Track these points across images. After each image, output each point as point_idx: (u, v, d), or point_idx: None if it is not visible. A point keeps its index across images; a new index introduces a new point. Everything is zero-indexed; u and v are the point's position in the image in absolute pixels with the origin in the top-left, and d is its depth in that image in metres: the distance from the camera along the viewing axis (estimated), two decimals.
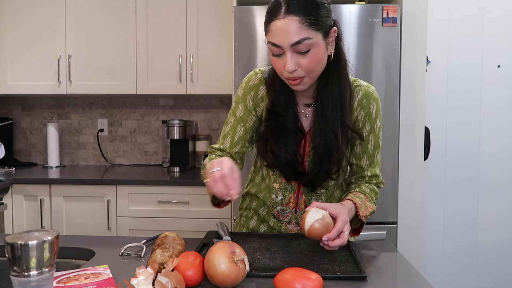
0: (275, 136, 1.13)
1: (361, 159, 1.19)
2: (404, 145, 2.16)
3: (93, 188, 2.37)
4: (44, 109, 3.03)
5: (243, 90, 1.20)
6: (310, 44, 0.99)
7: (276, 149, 1.13)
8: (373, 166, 1.20)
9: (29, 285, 0.62)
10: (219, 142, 1.22)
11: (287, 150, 1.12)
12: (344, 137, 1.12)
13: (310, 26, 0.98)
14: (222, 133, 1.23)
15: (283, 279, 0.79)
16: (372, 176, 1.21)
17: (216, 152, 1.22)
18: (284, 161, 1.12)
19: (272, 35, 1.00)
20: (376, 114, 1.18)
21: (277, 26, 0.99)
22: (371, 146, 1.18)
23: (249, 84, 1.20)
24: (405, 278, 0.96)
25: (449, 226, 2.74)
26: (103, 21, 2.63)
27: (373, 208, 1.16)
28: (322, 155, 1.11)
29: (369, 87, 1.18)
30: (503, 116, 2.69)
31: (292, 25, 0.97)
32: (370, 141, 1.18)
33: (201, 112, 2.97)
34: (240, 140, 1.19)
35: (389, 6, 2.06)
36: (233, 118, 1.21)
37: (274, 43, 1.00)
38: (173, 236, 0.94)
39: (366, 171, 1.20)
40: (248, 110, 1.19)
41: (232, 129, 1.20)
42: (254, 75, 1.21)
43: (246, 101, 1.19)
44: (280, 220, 1.23)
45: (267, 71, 1.20)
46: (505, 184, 2.71)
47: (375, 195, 1.21)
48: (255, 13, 2.09)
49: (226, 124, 1.22)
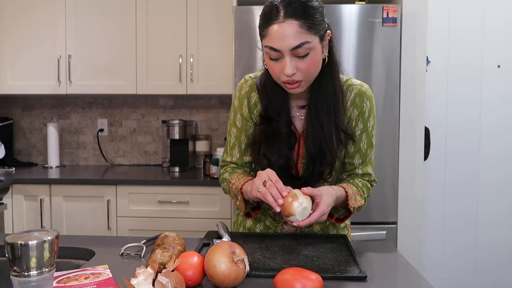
0: (267, 141, 1.14)
1: (353, 158, 1.19)
2: (404, 145, 2.16)
3: (93, 188, 2.37)
4: (44, 109, 3.03)
5: (238, 100, 1.22)
6: (309, 48, 0.99)
7: (268, 154, 1.14)
8: (365, 164, 1.20)
9: (29, 285, 0.62)
10: (229, 155, 1.25)
11: (279, 155, 1.13)
12: (337, 138, 1.12)
13: (309, 30, 0.98)
14: (228, 145, 1.26)
15: (283, 279, 0.79)
16: (363, 174, 1.20)
17: (230, 165, 1.24)
18: (277, 167, 1.12)
19: (271, 39, 1.00)
20: (370, 113, 1.18)
21: (275, 30, 0.99)
22: (363, 145, 1.19)
23: (241, 93, 1.22)
24: (405, 278, 0.96)
25: (449, 226, 2.74)
26: (103, 21, 2.63)
27: (361, 203, 1.16)
28: (315, 157, 1.12)
29: (362, 86, 1.18)
30: (503, 115, 2.69)
31: (292, 29, 0.97)
32: (363, 140, 1.18)
33: (201, 112, 2.97)
34: (247, 148, 1.22)
35: (389, 6, 2.06)
36: (234, 128, 1.23)
37: (273, 47, 1.00)
38: (173, 236, 0.94)
39: (358, 169, 1.20)
40: (245, 119, 1.21)
41: (237, 140, 1.23)
42: (244, 83, 1.22)
43: (242, 110, 1.21)
44: (276, 220, 1.24)
45: (258, 77, 1.20)
46: (505, 184, 2.71)
47: (367, 191, 1.20)
48: (255, 13, 2.09)
49: (230, 135, 1.24)
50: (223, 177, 1.23)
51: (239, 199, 1.14)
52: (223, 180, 1.23)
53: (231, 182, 1.17)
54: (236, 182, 1.15)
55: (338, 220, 1.20)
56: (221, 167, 1.28)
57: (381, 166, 2.07)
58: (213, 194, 2.35)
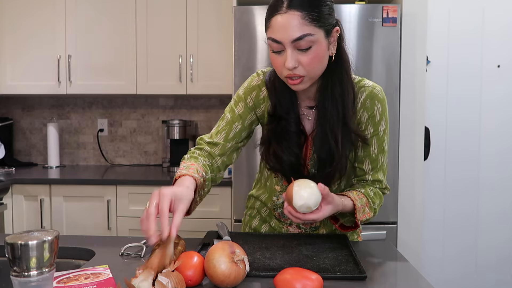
0: (277, 139, 1.11)
1: (363, 163, 1.15)
2: (404, 145, 2.17)
3: (93, 188, 2.37)
4: (44, 109, 3.03)
5: (244, 90, 1.19)
6: (312, 41, 0.97)
7: (279, 153, 1.10)
8: (376, 171, 1.15)
9: (29, 285, 0.62)
10: (211, 136, 1.17)
11: (290, 153, 1.10)
12: (347, 140, 1.08)
13: (312, 22, 0.96)
14: (215, 128, 1.19)
15: (283, 279, 0.79)
16: (374, 181, 1.16)
17: (205, 146, 1.16)
18: (287, 165, 1.09)
19: (273, 30, 0.98)
20: (381, 116, 1.13)
21: (278, 21, 0.96)
22: (374, 150, 1.14)
23: (251, 84, 1.18)
24: (405, 278, 0.96)
25: (449, 226, 2.73)
26: (103, 21, 2.63)
27: (370, 215, 1.12)
28: (324, 159, 1.09)
29: (375, 88, 1.14)
30: (503, 115, 2.69)
31: (294, 20, 0.95)
32: (373, 144, 1.14)
33: (201, 112, 2.97)
34: (235, 137, 1.16)
35: (389, 6, 2.06)
36: (230, 114, 1.18)
37: (275, 38, 0.98)
38: None
39: (368, 175, 1.16)
40: (249, 108, 1.17)
41: (228, 125, 1.17)
42: (256, 76, 1.19)
43: (246, 100, 1.18)
44: (281, 221, 1.23)
45: (267, 74, 1.17)
46: (505, 183, 2.71)
47: (379, 200, 1.16)
48: (255, 13, 2.09)
49: (222, 120, 1.19)
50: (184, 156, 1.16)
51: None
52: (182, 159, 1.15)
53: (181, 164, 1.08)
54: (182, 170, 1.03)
55: (343, 228, 1.15)
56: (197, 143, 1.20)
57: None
58: (213, 194, 2.34)
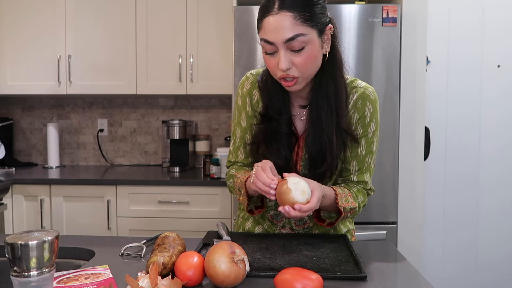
0: (267, 140, 1.10)
1: (350, 163, 1.14)
2: (404, 145, 2.17)
3: (93, 188, 2.37)
4: (44, 109, 3.03)
5: (240, 99, 1.20)
6: (304, 41, 0.96)
7: (267, 155, 1.09)
8: (362, 172, 1.14)
9: (29, 285, 0.62)
10: (234, 156, 1.22)
11: (279, 156, 1.09)
12: (339, 140, 1.08)
13: (304, 22, 0.95)
14: (233, 145, 1.23)
15: (283, 279, 0.79)
16: (359, 181, 1.15)
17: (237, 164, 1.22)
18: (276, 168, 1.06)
19: (265, 31, 0.97)
20: (371, 118, 1.12)
21: (270, 22, 0.96)
22: (362, 151, 1.13)
23: (243, 91, 1.19)
24: (405, 278, 0.96)
25: (449, 223, 2.74)
26: (103, 21, 2.63)
27: (354, 205, 1.09)
28: (315, 158, 1.08)
29: (366, 89, 1.12)
30: (503, 112, 2.70)
31: (286, 21, 0.94)
32: (361, 145, 1.12)
33: (201, 112, 2.97)
34: None
35: (389, 6, 2.06)
36: (239, 128, 1.20)
37: (267, 39, 0.97)
38: (173, 236, 0.94)
39: (353, 175, 1.15)
40: (250, 117, 1.18)
41: (241, 140, 1.20)
42: (246, 80, 1.19)
43: (246, 108, 1.18)
44: (274, 224, 1.22)
45: (259, 74, 1.17)
46: (506, 180, 2.71)
47: (363, 197, 1.14)
48: (255, 13, 2.09)
49: (234, 135, 1.22)
50: (230, 173, 1.20)
51: (242, 194, 1.09)
52: (230, 177, 1.19)
53: (237, 176, 1.13)
54: (241, 176, 1.11)
55: (330, 224, 1.14)
56: (227, 167, 1.26)
57: (381, 166, 2.07)
58: (213, 194, 2.35)
